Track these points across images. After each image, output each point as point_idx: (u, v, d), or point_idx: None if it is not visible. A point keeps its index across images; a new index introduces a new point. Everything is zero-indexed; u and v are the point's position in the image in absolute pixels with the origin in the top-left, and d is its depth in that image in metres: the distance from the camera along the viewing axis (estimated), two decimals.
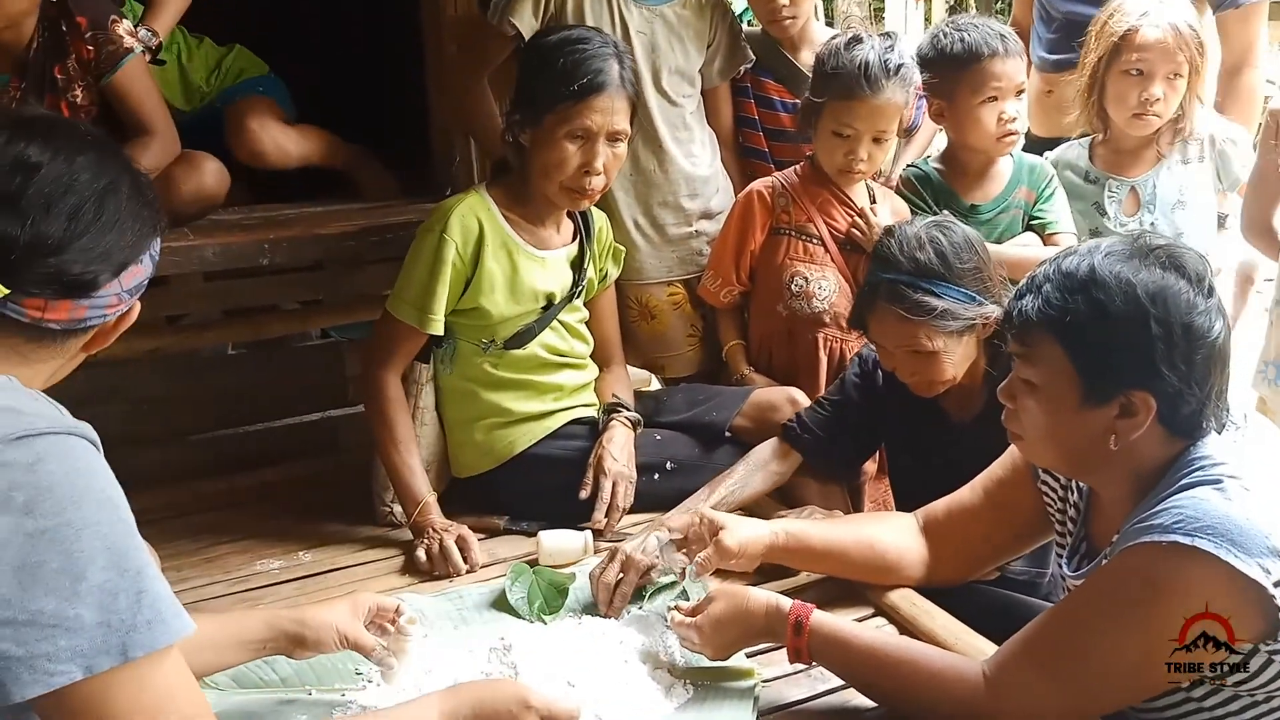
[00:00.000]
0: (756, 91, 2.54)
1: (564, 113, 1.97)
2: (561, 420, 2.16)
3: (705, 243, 2.50)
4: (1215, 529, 1.17)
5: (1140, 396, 1.28)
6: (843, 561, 1.73)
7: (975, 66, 2.26)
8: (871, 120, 2.20)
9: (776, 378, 2.33)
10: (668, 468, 2.14)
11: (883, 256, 1.86)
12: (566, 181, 2.02)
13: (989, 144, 2.32)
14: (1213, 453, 1.28)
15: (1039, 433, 1.38)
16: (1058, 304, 1.30)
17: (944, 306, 1.79)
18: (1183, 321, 1.25)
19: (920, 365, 1.85)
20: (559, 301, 2.14)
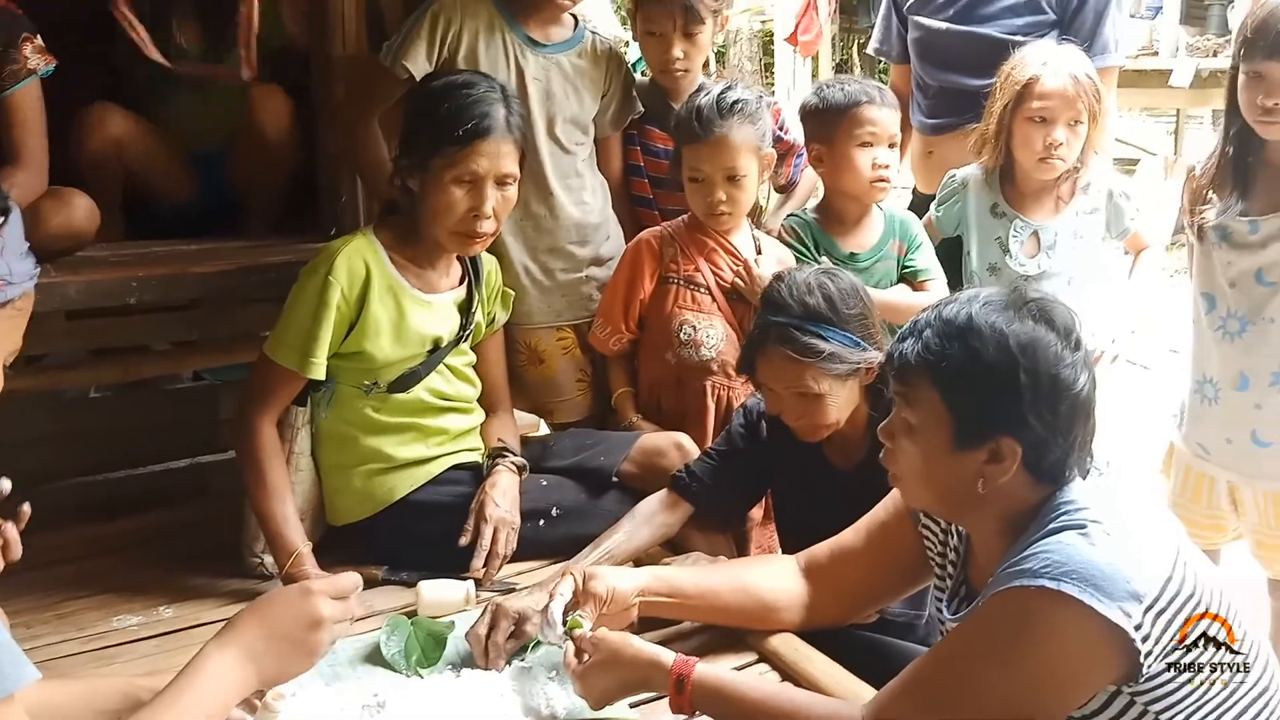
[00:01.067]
0: (643, 140, 2.58)
1: (451, 157, 1.96)
2: (444, 465, 2.11)
3: (595, 288, 2.50)
4: (1080, 574, 1.21)
5: (1008, 443, 1.32)
6: (717, 607, 1.72)
7: (853, 111, 2.37)
8: (716, 160, 2.24)
9: (665, 425, 2.32)
10: (553, 514, 2.11)
11: (773, 300, 1.90)
12: (455, 226, 2.00)
13: (863, 188, 2.40)
14: (1078, 498, 1.32)
15: (914, 472, 1.41)
16: (936, 349, 1.34)
17: (830, 350, 1.84)
18: (1050, 373, 1.30)
19: (806, 408, 1.89)
20: (446, 345, 2.10)
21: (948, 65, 2.74)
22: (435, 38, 2.29)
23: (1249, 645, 1.35)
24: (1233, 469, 2.25)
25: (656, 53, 2.47)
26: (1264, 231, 2.12)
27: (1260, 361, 2.17)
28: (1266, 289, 2.14)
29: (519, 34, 2.37)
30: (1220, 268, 2.20)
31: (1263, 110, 2.05)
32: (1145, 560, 1.25)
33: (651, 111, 2.55)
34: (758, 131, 2.28)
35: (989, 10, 2.67)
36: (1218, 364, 2.24)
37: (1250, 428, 2.20)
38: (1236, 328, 2.19)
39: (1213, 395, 2.25)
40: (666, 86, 2.53)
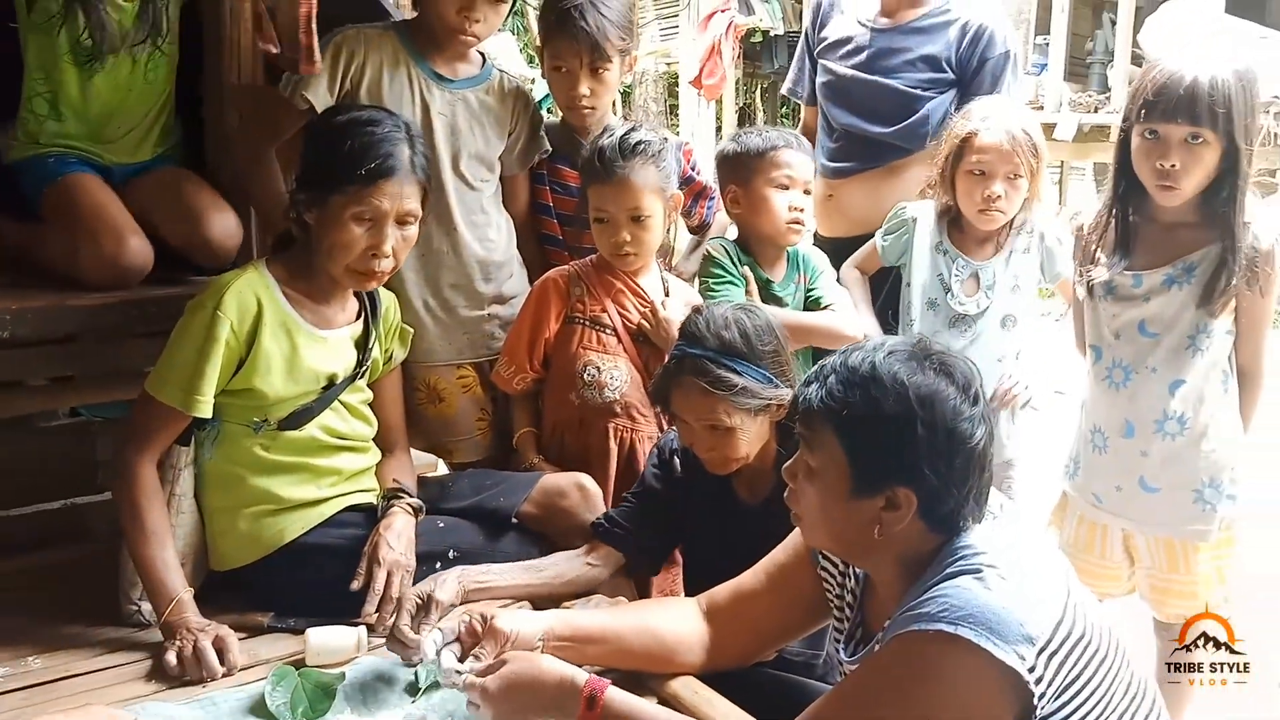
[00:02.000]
0: (553, 179, 2.56)
1: (352, 195, 1.92)
2: (337, 507, 2.04)
3: (498, 326, 2.46)
4: (976, 617, 1.23)
5: (904, 493, 1.34)
6: (621, 650, 1.70)
7: (770, 155, 2.44)
8: (620, 200, 2.25)
9: (568, 467, 2.29)
10: (450, 556, 2.05)
11: (690, 333, 1.94)
12: (352, 264, 1.96)
13: (778, 229, 2.46)
14: (974, 542, 1.35)
15: (814, 516, 1.43)
16: (838, 396, 1.36)
17: (743, 384, 1.86)
18: (947, 426, 1.33)
19: (717, 441, 1.91)
20: (341, 382, 2.04)
21: (853, 111, 2.81)
22: (337, 69, 2.25)
23: (1138, 684, 1.38)
24: (1125, 516, 2.32)
25: (563, 89, 2.46)
26: (1146, 285, 2.20)
27: (1144, 409, 2.24)
28: (1149, 340, 2.22)
29: (425, 69, 2.34)
30: (1106, 320, 2.28)
31: (1160, 173, 2.10)
32: (1038, 603, 1.27)
33: (561, 150, 2.54)
34: (662, 173, 2.29)
35: (893, 63, 2.76)
36: (1105, 413, 2.31)
37: (1138, 474, 2.27)
38: (1121, 377, 2.26)
39: (1102, 444, 2.32)
40: (574, 124, 2.52)
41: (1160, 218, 2.20)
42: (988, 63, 2.72)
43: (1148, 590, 2.36)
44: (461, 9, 2.24)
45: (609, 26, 2.38)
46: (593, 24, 2.36)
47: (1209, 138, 2.06)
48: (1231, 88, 2.04)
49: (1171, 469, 2.24)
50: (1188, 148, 2.07)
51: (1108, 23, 9.03)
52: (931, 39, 2.75)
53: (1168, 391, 2.22)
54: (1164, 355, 2.21)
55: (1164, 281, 2.18)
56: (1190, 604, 2.31)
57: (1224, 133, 2.05)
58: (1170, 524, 2.27)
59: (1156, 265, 2.20)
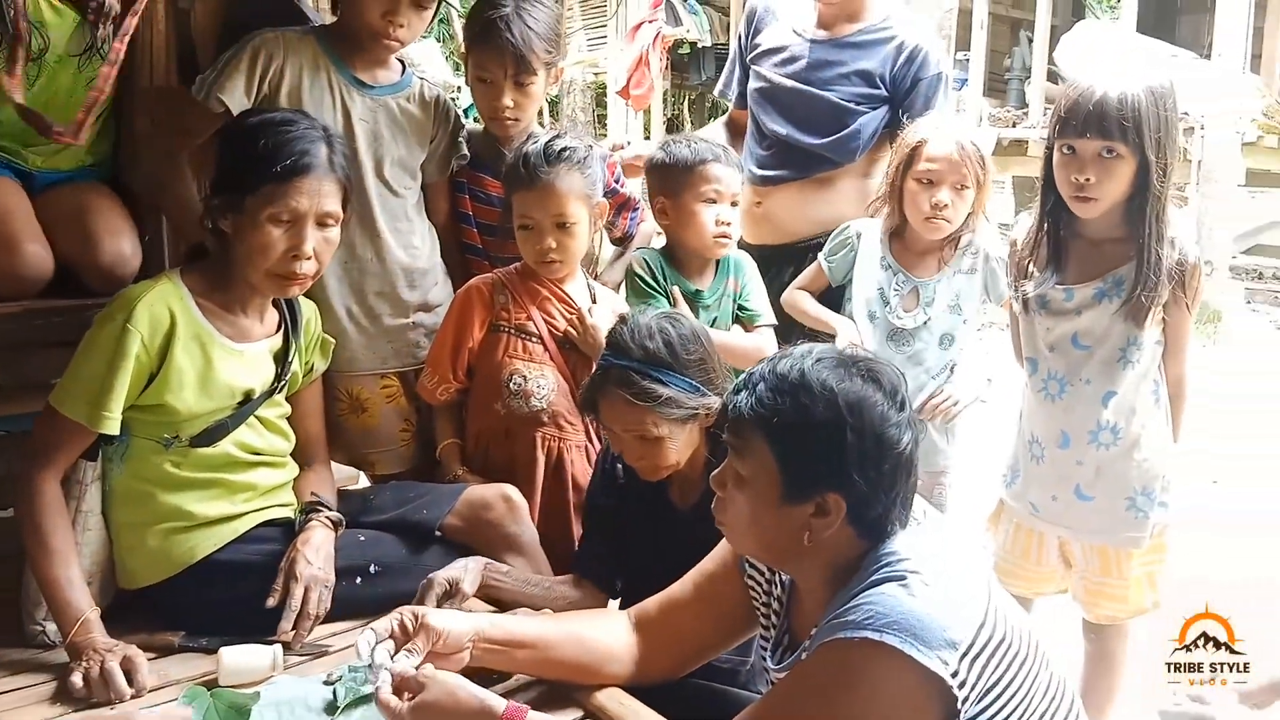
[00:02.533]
0: (473, 187, 2.52)
1: (268, 195, 1.87)
2: (252, 523, 1.98)
3: (423, 335, 2.42)
4: (900, 624, 1.25)
5: (833, 498, 1.35)
6: (550, 658, 1.68)
7: (699, 168, 2.43)
8: (545, 207, 2.24)
9: (493, 478, 2.25)
10: (371, 571, 2.00)
11: (615, 344, 1.92)
12: (273, 267, 1.91)
13: (706, 243, 2.46)
14: (899, 548, 1.36)
15: (743, 523, 1.43)
16: (768, 404, 1.36)
17: (669, 394, 1.85)
18: (875, 432, 1.34)
19: (646, 450, 1.90)
20: (258, 397, 1.99)
21: (786, 120, 2.82)
22: (255, 72, 2.20)
23: (1057, 684, 1.40)
24: (1061, 524, 2.36)
25: (487, 100, 2.44)
26: (1078, 299, 2.25)
27: (1079, 420, 2.29)
28: (1082, 352, 2.27)
29: (345, 75, 2.30)
30: (1040, 333, 2.32)
31: (1075, 186, 2.15)
32: (961, 608, 1.29)
33: (483, 158, 2.51)
34: (587, 179, 2.27)
35: (828, 75, 2.78)
36: (1042, 424, 2.35)
37: (1074, 483, 2.31)
38: (1057, 389, 2.31)
39: (1040, 454, 2.36)
40: (497, 134, 2.50)
41: (1087, 232, 2.25)
42: (921, 82, 2.76)
43: (1081, 593, 2.41)
44: (385, 13, 2.21)
45: (534, 39, 2.36)
46: (518, 35, 2.34)
47: (1122, 151, 2.10)
48: (1143, 102, 2.09)
49: (1105, 478, 2.29)
50: (1102, 162, 2.12)
51: (1025, 40, 9.30)
52: (867, 55, 2.77)
53: (1101, 403, 2.27)
54: (1096, 367, 2.26)
55: (1094, 295, 2.23)
56: (1121, 607, 2.38)
57: (1136, 146, 2.10)
58: (1105, 531, 2.32)
59: (1087, 279, 2.24)
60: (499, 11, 2.35)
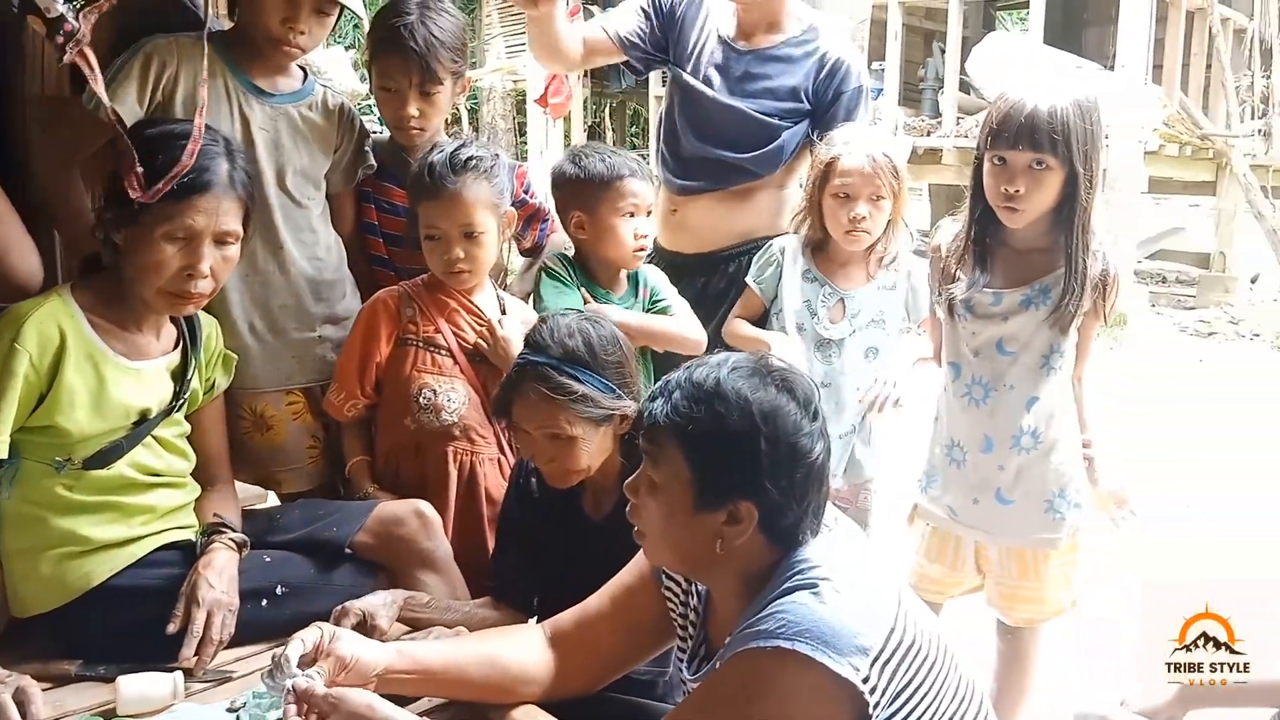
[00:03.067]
0: (378, 197, 2.48)
1: (164, 211, 1.81)
2: (151, 546, 1.92)
3: (330, 349, 2.37)
4: (811, 632, 1.26)
5: (745, 506, 1.36)
6: (464, 683, 1.66)
7: (618, 184, 2.42)
8: (452, 216, 2.21)
9: (405, 494, 2.21)
10: (278, 592, 1.96)
11: (534, 342, 1.91)
12: (166, 286, 1.85)
13: (625, 256, 2.46)
14: (811, 556, 1.37)
15: (656, 531, 1.44)
16: (684, 411, 1.37)
17: (584, 392, 1.85)
18: (788, 441, 1.35)
19: (558, 451, 1.89)
20: (155, 416, 1.93)
21: (710, 135, 2.80)
22: (147, 80, 2.13)
23: (966, 686, 1.42)
24: (980, 528, 2.39)
25: (391, 108, 2.40)
26: (1005, 304, 2.28)
27: (1003, 425, 2.31)
28: (1007, 358, 2.30)
29: (243, 82, 2.25)
30: (965, 338, 2.34)
31: (1005, 196, 2.18)
32: (871, 614, 1.31)
33: (389, 168, 2.47)
34: (494, 188, 2.25)
35: (753, 89, 2.78)
36: (965, 429, 2.37)
37: (995, 487, 2.34)
38: (981, 394, 2.33)
39: (961, 459, 2.38)
40: (402, 143, 2.46)
41: (1014, 241, 2.28)
42: (842, 96, 2.77)
43: (997, 597, 2.44)
44: (285, 19, 2.17)
45: (439, 47, 2.33)
46: (422, 44, 2.30)
47: (1051, 164, 2.14)
48: (1071, 116, 2.13)
49: (1025, 482, 2.32)
50: (1031, 173, 2.15)
51: (938, 51, 9.50)
52: (792, 69, 2.78)
53: (1025, 408, 2.30)
54: (1021, 373, 2.29)
55: (1021, 302, 2.26)
56: (1039, 609, 2.42)
57: (1065, 159, 2.14)
58: (1023, 534, 2.35)
59: (1014, 285, 2.27)
60: (403, 19, 2.32)
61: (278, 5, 2.16)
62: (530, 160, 9.80)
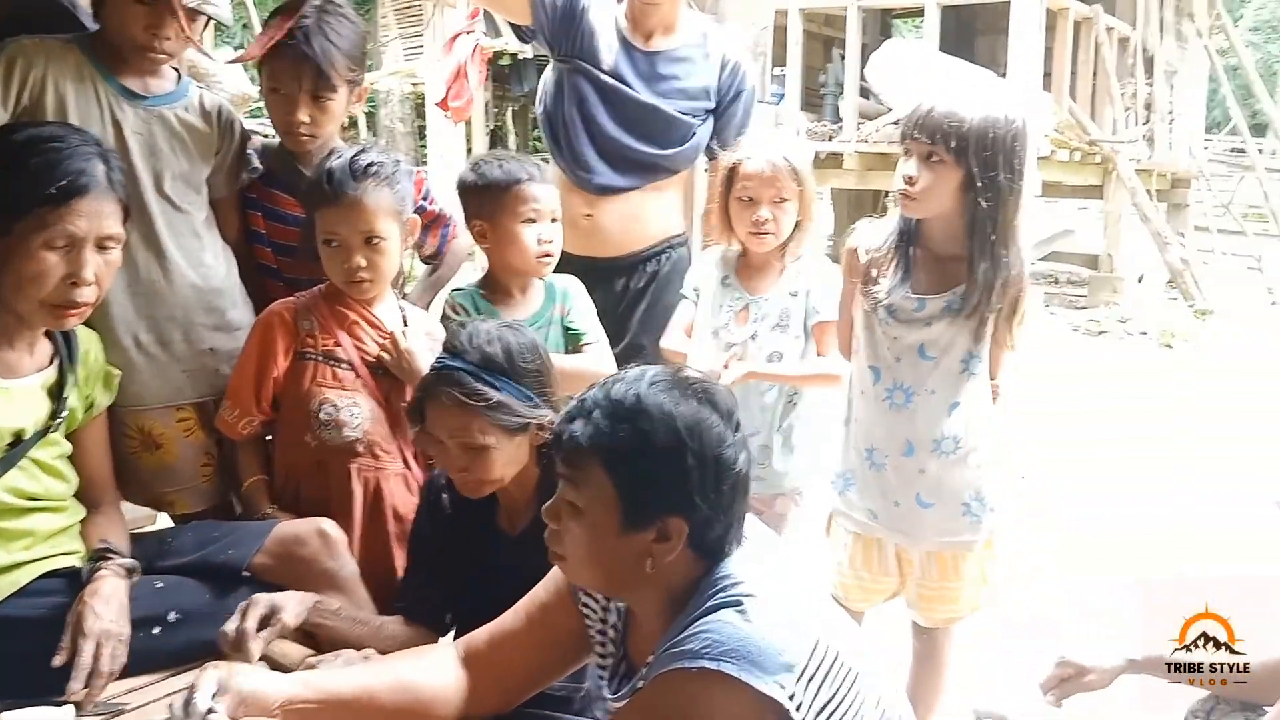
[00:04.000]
0: (266, 204, 2.39)
1: (41, 218, 1.73)
2: (33, 574, 1.82)
3: (222, 361, 2.27)
4: (737, 651, 1.25)
5: (675, 522, 1.34)
6: (374, 708, 1.60)
7: (515, 189, 2.38)
8: (352, 223, 2.15)
9: (307, 514, 2.12)
10: (170, 619, 1.87)
11: (451, 347, 1.87)
12: (48, 297, 1.76)
13: (529, 263, 2.42)
14: (734, 572, 1.36)
15: (580, 554, 1.40)
16: (606, 430, 1.34)
17: (500, 399, 1.81)
18: (714, 454, 1.34)
19: (471, 460, 1.84)
20: (30, 437, 1.83)
21: (629, 130, 2.81)
22: (12, 83, 2.03)
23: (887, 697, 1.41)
24: (900, 531, 2.39)
25: (280, 112, 2.31)
26: (929, 310, 2.28)
27: (924, 430, 2.32)
28: (928, 363, 2.31)
29: (113, 85, 2.15)
30: (887, 342, 2.34)
31: (903, 181, 2.22)
32: (795, 630, 1.30)
33: (277, 174, 2.38)
34: (396, 194, 2.19)
35: (665, 88, 2.83)
36: (885, 433, 2.37)
37: (915, 491, 2.35)
38: (903, 399, 2.33)
39: (881, 462, 2.38)
40: (292, 149, 2.37)
41: (933, 247, 2.30)
42: (741, 94, 2.89)
43: (916, 599, 2.45)
44: (148, 26, 2.09)
45: (335, 54, 2.26)
46: (318, 49, 2.23)
47: (944, 158, 2.17)
48: (973, 119, 2.17)
49: (944, 485, 2.34)
50: (928, 165, 2.19)
51: (838, 57, 9.64)
52: (697, 68, 2.85)
53: (946, 412, 2.31)
54: (942, 378, 2.31)
55: (944, 308, 2.27)
56: (955, 608, 2.45)
57: (959, 156, 2.16)
58: (941, 536, 2.37)
59: (936, 291, 2.29)
60: (298, 22, 2.24)
61: (139, 13, 2.09)
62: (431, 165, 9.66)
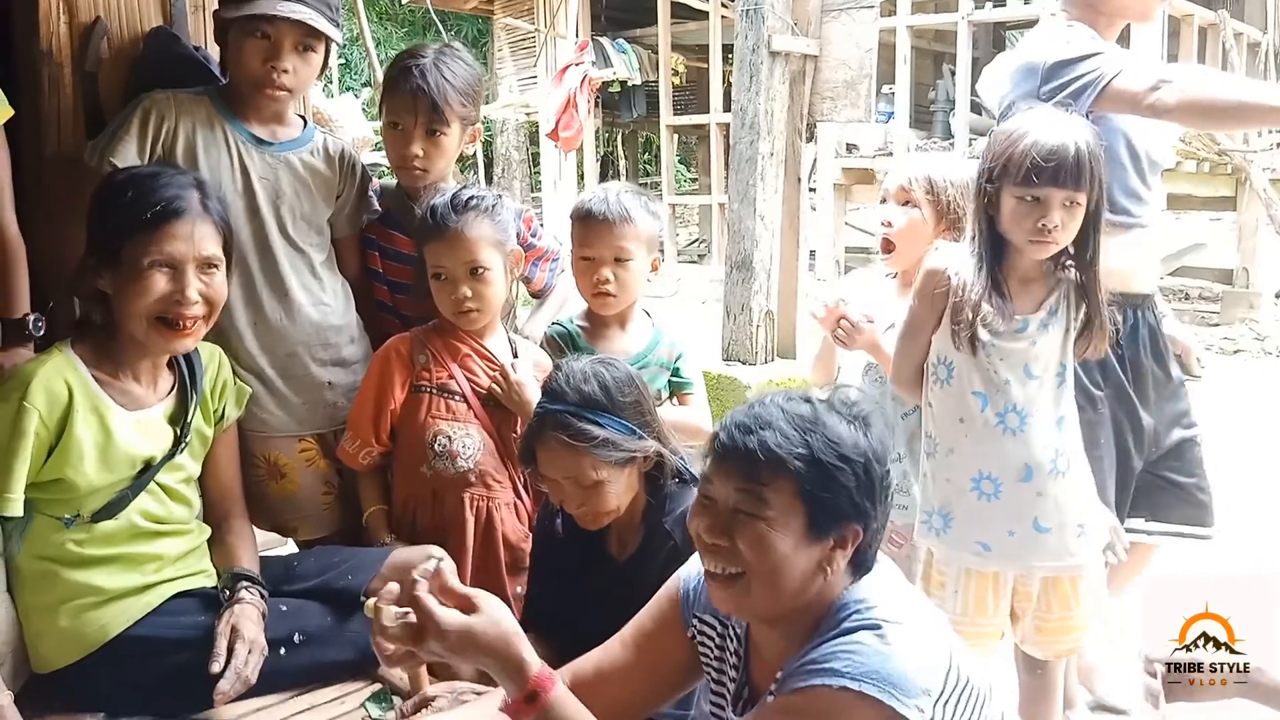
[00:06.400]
0: (382, 244, 2.49)
1: (142, 243, 1.85)
2: (165, 594, 1.93)
3: (341, 395, 2.37)
4: (879, 674, 1.28)
5: (852, 529, 1.38)
6: None
7: (576, 222, 2.41)
8: (456, 255, 2.22)
9: (423, 542, 2.18)
10: (295, 640, 1.96)
11: (550, 390, 1.90)
12: (157, 311, 1.87)
13: (586, 298, 2.44)
14: (867, 595, 1.39)
15: (765, 566, 1.39)
16: (796, 440, 1.37)
17: (605, 436, 1.84)
18: (885, 469, 1.41)
19: (586, 496, 1.88)
20: (158, 463, 1.94)
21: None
22: (146, 134, 2.16)
23: None
24: (1017, 560, 2.29)
25: (396, 146, 2.40)
26: (1031, 329, 2.25)
27: (1040, 451, 2.25)
28: (1035, 382, 2.26)
29: (241, 131, 2.27)
30: (994, 366, 2.27)
31: (1041, 231, 2.16)
32: (931, 654, 1.33)
33: (394, 214, 2.48)
34: (497, 225, 2.26)
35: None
36: (998, 459, 2.28)
37: (1033, 516, 2.26)
38: (1017, 422, 2.26)
39: (993, 491, 2.29)
40: (405, 184, 2.46)
41: (1021, 267, 2.27)
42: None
43: (1033, 631, 2.35)
44: (266, 59, 2.19)
45: (450, 90, 2.34)
46: (433, 84, 2.33)
47: (1081, 200, 2.16)
48: (1096, 153, 2.16)
49: (1060, 507, 2.27)
50: (1065, 209, 2.16)
51: (948, 73, 9.49)
52: None
53: (1056, 428, 2.27)
54: (1047, 394, 2.27)
55: (1041, 324, 2.25)
56: (1074, 637, 2.34)
57: (1091, 194, 2.16)
58: (1059, 560, 2.28)
59: (1029, 310, 2.26)
60: (417, 60, 2.35)
61: (258, 48, 2.19)
62: (544, 192, 9.82)
